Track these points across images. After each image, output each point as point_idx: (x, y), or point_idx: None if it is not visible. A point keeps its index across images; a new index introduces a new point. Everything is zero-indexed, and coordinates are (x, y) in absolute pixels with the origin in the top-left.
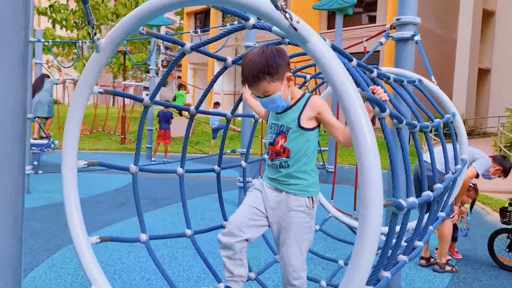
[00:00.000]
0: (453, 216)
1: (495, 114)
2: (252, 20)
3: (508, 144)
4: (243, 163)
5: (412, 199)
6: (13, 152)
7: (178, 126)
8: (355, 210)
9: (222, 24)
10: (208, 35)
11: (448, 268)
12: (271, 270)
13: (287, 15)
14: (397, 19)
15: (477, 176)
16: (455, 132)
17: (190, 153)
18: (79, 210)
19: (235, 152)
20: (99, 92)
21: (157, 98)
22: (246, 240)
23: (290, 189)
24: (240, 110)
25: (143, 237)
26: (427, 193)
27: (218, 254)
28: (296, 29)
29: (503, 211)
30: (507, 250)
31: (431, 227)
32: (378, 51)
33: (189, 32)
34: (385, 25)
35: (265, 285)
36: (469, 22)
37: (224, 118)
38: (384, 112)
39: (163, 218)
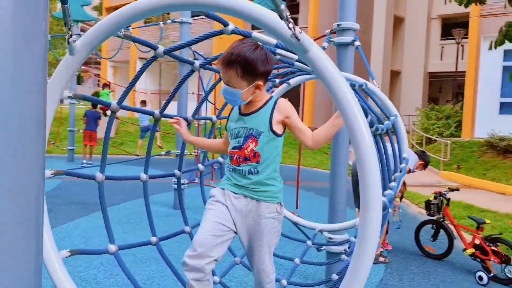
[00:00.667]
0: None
1: (406, 114)
2: (231, 26)
3: (419, 141)
4: (200, 166)
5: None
6: (36, 156)
7: (104, 127)
8: (297, 208)
9: (145, 21)
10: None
11: (381, 259)
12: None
13: (290, 25)
14: (338, 25)
15: (409, 171)
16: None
17: (115, 154)
18: (46, 223)
19: (170, 153)
20: (68, 96)
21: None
22: (216, 260)
23: (261, 196)
24: (173, 110)
25: (112, 248)
26: (388, 192)
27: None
28: (299, 39)
29: (428, 204)
30: (431, 239)
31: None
32: None
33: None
34: (307, 27)
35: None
36: (382, 27)
37: (151, 117)
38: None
39: (96, 224)
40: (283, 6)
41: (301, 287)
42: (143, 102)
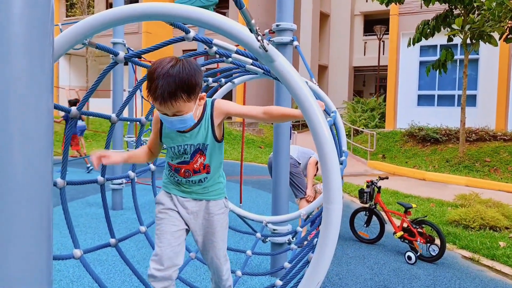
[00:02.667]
0: (309, 196)
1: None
2: (192, 33)
3: (347, 133)
4: (152, 166)
5: None
6: (46, 165)
7: None
8: (241, 203)
9: (67, 16)
10: None
11: None
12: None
13: (259, 37)
14: (277, 25)
15: (317, 163)
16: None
17: None
18: None
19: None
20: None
21: None
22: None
23: (210, 196)
24: (126, 113)
25: (78, 252)
26: None
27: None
28: (266, 50)
29: (361, 193)
30: (365, 225)
31: None
32: None
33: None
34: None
35: (188, 281)
36: (309, 23)
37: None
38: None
39: None
40: (253, 21)
41: (254, 276)
42: (77, 100)
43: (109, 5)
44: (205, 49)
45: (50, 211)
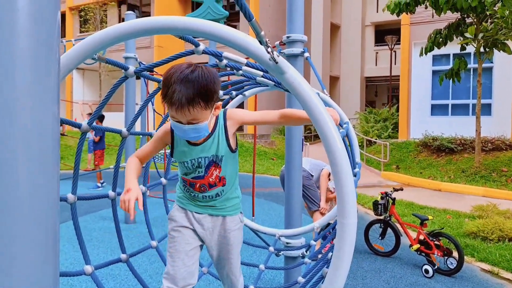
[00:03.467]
0: (323, 209)
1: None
2: (202, 46)
3: (360, 144)
4: (163, 180)
5: None
6: (53, 179)
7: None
8: (253, 216)
9: (80, 32)
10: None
11: None
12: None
13: (269, 49)
14: (287, 37)
15: (329, 175)
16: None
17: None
18: None
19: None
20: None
21: None
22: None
23: (226, 212)
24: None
25: (89, 268)
26: None
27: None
28: (276, 62)
29: (375, 205)
30: (380, 238)
31: None
32: None
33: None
34: (248, 34)
35: None
36: (319, 33)
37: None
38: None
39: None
40: (262, 33)
41: None
42: (89, 115)
43: (122, 20)
44: (216, 62)
45: (57, 228)
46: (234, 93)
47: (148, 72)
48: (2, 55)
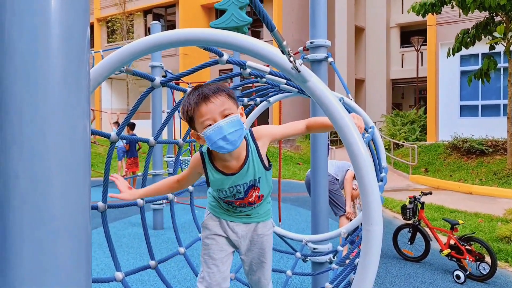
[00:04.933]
0: (349, 213)
1: (372, 120)
2: (226, 56)
3: (387, 147)
4: (190, 187)
5: None
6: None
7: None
8: (280, 222)
9: (108, 42)
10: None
11: None
12: None
13: (291, 58)
14: (311, 42)
15: (354, 177)
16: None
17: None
18: None
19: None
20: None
21: None
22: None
23: (259, 219)
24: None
25: (119, 275)
26: None
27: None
28: (299, 71)
29: (403, 209)
30: (409, 243)
31: None
32: None
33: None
34: (272, 41)
35: None
36: (344, 37)
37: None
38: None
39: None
40: (285, 42)
41: None
42: (117, 123)
43: (148, 30)
44: (240, 70)
45: (89, 236)
46: (258, 99)
47: (174, 82)
48: (37, 72)
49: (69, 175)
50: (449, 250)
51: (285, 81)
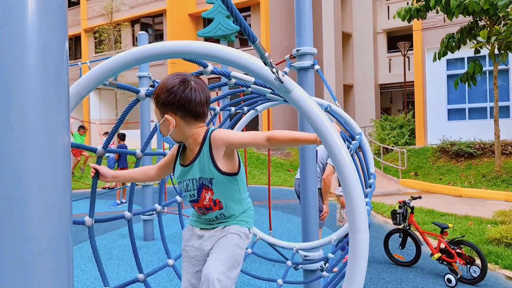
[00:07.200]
0: (322, 215)
1: (361, 125)
2: (210, 67)
3: (377, 151)
4: (178, 198)
5: None
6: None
7: None
8: (270, 230)
9: (96, 53)
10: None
11: None
12: None
13: (274, 69)
14: (297, 50)
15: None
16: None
17: (81, 189)
18: None
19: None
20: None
21: None
22: None
23: (228, 224)
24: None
25: None
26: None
27: None
28: (282, 82)
29: (393, 214)
30: (400, 247)
31: None
32: None
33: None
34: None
35: None
36: (331, 43)
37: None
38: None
39: (77, 264)
40: (266, 54)
41: None
42: (107, 134)
43: (136, 39)
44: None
45: (70, 252)
46: (245, 108)
47: None
48: (14, 92)
49: (48, 194)
50: (439, 254)
51: (269, 90)
